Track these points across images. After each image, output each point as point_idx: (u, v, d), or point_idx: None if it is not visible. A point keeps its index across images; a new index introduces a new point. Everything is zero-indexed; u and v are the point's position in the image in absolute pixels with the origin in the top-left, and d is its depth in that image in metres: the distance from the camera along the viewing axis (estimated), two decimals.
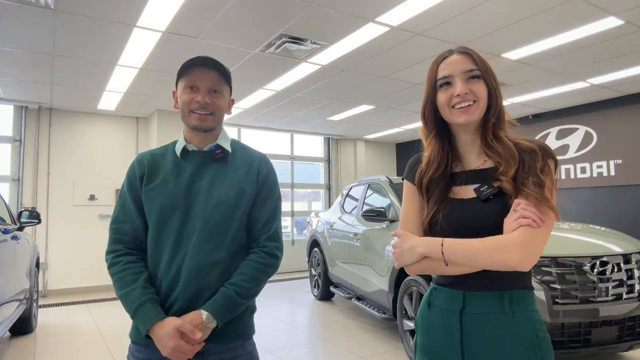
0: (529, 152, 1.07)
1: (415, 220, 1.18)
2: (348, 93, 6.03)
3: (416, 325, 1.23)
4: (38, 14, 3.51)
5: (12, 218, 4.18)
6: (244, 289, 1.25)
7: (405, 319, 3.63)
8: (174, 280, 1.25)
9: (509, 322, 1.05)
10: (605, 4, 3.49)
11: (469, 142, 1.17)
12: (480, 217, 1.08)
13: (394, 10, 3.54)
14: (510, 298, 1.06)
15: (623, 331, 2.83)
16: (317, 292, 5.99)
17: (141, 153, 1.41)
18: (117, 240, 1.32)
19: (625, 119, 6.29)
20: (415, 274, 1.14)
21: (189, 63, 1.33)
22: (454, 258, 1.05)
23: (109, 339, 4.21)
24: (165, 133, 6.89)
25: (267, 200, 1.36)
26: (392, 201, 4.29)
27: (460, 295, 1.10)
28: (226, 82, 1.38)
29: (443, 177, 1.16)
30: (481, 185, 1.10)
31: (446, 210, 1.12)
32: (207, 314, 1.20)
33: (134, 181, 1.34)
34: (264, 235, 1.34)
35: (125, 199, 1.34)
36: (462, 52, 1.14)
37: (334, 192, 9.37)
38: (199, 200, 1.29)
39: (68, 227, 6.60)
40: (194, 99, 1.31)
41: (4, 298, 3.23)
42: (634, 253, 3.03)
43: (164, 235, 1.28)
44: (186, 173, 1.32)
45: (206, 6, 3.44)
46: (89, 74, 5.05)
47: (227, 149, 1.38)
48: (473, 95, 1.10)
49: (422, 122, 1.21)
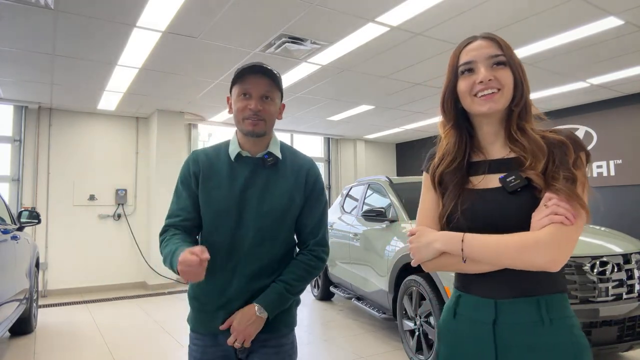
0: (559, 144, 0.98)
1: (433, 214, 1.10)
2: (348, 93, 6.03)
3: (438, 335, 1.13)
4: (38, 14, 3.51)
5: (12, 218, 4.18)
6: (293, 287, 1.37)
7: (405, 319, 3.63)
8: (229, 278, 1.36)
9: (546, 331, 0.96)
10: (605, 4, 3.49)
11: (492, 134, 1.07)
12: (507, 211, 0.98)
13: (394, 10, 3.54)
14: (547, 304, 0.97)
15: (623, 331, 2.83)
16: (317, 292, 5.99)
17: (195, 151, 1.49)
18: (167, 227, 1.41)
19: (625, 119, 6.29)
20: (431, 271, 1.11)
21: (242, 71, 1.38)
22: (474, 255, 0.96)
23: (109, 339, 4.20)
24: (165, 133, 6.90)
25: (314, 207, 1.45)
26: (392, 201, 4.29)
27: (491, 304, 1.00)
28: (277, 88, 1.42)
29: (458, 169, 1.07)
30: (507, 175, 1.00)
31: (466, 204, 1.02)
32: (259, 307, 1.32)
33: (188, 178, 1.42)
34: (312, 240, 1.44)
35: (181, 194, 1.43)
36: (486, 37, 1.05)
37: (334, 192, 9.37)
38: (250, 206, 1.37)
39: (68, 227, 6.60)
40: (247, 106, 1.37)
41: (3, 298, 3.22)
42: (634, 253, 3.03)
43: (218, 235, 1.38)
44: (240, 179, 1.39)
45: (206, 6, 3.44)
46: (89, 74, 5.05)
47: (278, 156, 1.44)
48: (497, 82, 1.01)
49: (440, 112, 1.12)
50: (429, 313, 3.30)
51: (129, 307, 5.66)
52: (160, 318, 5.02)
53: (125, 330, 4.57)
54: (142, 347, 4.02)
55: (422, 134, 9.11)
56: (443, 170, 1.08)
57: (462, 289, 1.08)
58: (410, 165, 9.98)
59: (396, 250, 3.81)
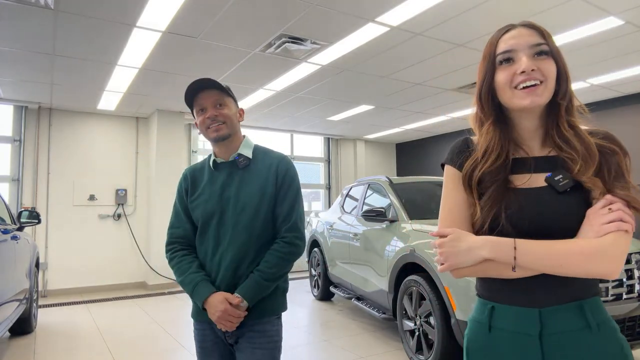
0: (612, 152, 0.93)
1: (462, 215, 0.99)
2: (348, 93, 6.03)
3: (468, 352, 1.02)
4: (38, 14, 3.51)
5: (12, 218, 4.18)
6: (268, 274, 1.49)
7: (405, 319, 3.63)
8: (216, 270, 1.53)
9: (594, 338, 0.89)
10: (605, 4, 3.49)
11: (531, 130, 0.99)
12: (556, 212, 0.91)
13: (394, 10, 3.54)
14: (591, 308, 0.91)
15: (623, 331, 2.83)
16: (317, 292, 5.99)
17: (187, 168, 1.71)
18: (172, 241, 1.63)
19: (625, 119, 6.29)
20: (464, 277, 0.96)
21: (190, 90, 1.54)
22: (529, 263, 0.87)
23: (108, 339, 4.20)
24: (165, 133, 6.90)
25: (285, 197, 1.57)
26: (392, 201, 4.28)
27: (535, 313, 0.91)
28: (228, 95, 1.58)
29: (502, 168, 0.97)
30: (555, 174, 0.93)
31: (513, 206, 0.93)
32: (239, 296, 1.46)
33: (182, 194, 1.65)
34: (284, 227, 1.55)
35: (177, 209, 1.65)
36: (526, 25, 0.97)
37: (334, 192, 9.37)
38: (229, 205, 1.54)
39: (68, 227, 6.60)
40: (205, 117, 1.55)
41: (3, 298, 3.22)
42: (634, 253, 3.03)
43: (207, 236, 1.56)
44: (218, 183, 1.58)
45: (206, 6, 3.44)
46: (89, 74, 5.05)
47: (248, 156, 1.60)
48: (540, 73, 0.92)
49: (477, 107, 1.03)
50: (429, 313, 3.30)
51: (129, 307, 5.66)
52: (160, 318, 5.02)
53: (125, 330, 4.57)
54: (142, 347, 4.02)
55: (422, 134, 9.12)
56: (487, 169, 0.98)
57: (494, 299, 0.98)
58: (410, 165, 9.98)
59: (396, 250, 3.81)
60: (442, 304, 3.14)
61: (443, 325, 3.11)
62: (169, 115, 6.94)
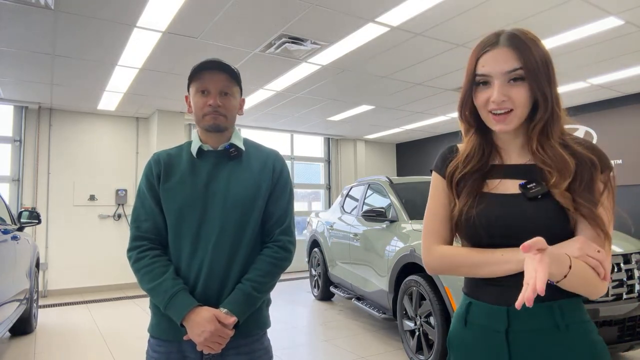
0: (589, 163, 0.95)
1: (445, 216, 1.07)
2: (348, 93, 6.03)
3: (448, 344, 1.10)
4: (38, 14, 3.51)
5: (12, 218, 4.18)
6: (260, 284, 1.29)
7: (405, 319, 3.63)
8: (195, 277, 1.29)
9: (562, 338, 0.93)
10: (605, 4, 3.49)
11: (510, 140, 1.05)
12: (526, 216, 0.95)
13: (394, 10, 3.54)
14: (561, 309, 0.94)
15: (623, 331, 2.83)
16: (317, 292, 5.99)
17: (157, 152, 1.44)
18: (139, 237, 1.34)
19: (625, 119, 6.29)
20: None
21: (198, 67, 1.34)
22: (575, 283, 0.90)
23: (109, 339, 4.21)
24: (165, 133, 6.89)
25: (281, 196, 1.40)
26: (392, 201, 4.28)
27: (503, 312, 0.97)
28: (236, 83, 1.40)
29: (479, 170, 1.04)
30: (528, 182, 0.98)
31: (482, 205, 0.99)
32: (226, 311, 1.24)
33: (151, 180, 1.36)
34: (277, 229, 1.37)
35: (145, 197, 1.36)
36: (509, 43, 0.96)
37: (334, 192, 9.37)
38: (216, 200, 1.32)
39: (68, 227, 6.60)
40: (206, 103, 1.34)
41: (4, 298, 3.23)
42: (634, 253, 3.03)
43: (182, 234, 1.31)
44: (203, 173, 1.35)
45: (206, 6, 3.44)
46: (89, 74, 5.05)
47: (241, 147, 1.41)
48: (511, 102, 0.96)
49: (459, 117, 1.09)
50: (429, 313, 3.30)
51: (129, 307, 5.66)
52: None
53: (126, 330, 4.57)
54: (142, 347, 4.01)
55: (422, 134, 9.12)
56: (466, 172, 1.05)
57: (472, 296, 1.04)
58: (410, 165, 9.98)
59: (396, 251, 3.81)
60: (442, 304, 3.14)
61: (443, 325, 3.11)
62: (169, 116, 6.95)
